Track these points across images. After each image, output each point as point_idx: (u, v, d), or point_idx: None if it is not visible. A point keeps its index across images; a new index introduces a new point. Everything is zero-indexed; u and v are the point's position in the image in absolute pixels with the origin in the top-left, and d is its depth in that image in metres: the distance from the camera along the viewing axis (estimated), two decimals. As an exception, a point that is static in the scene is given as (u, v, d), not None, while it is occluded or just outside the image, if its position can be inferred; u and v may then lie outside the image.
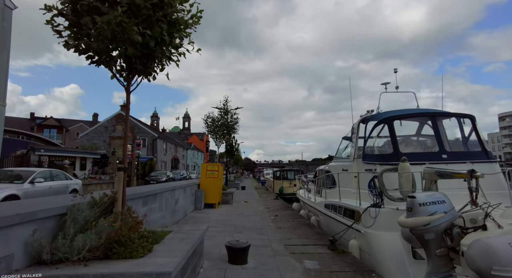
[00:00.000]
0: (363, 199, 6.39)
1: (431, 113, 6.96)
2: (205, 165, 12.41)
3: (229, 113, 17.90)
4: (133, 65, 3.67)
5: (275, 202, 15.69)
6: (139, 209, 5.50)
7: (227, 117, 17.80)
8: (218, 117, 17.99)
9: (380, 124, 7.02)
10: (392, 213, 5.68)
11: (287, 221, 9.45)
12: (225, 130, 17.54)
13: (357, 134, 8.20)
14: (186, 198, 9.88)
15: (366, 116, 8.18)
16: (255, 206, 13.25)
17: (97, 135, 33.14)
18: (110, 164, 22.50)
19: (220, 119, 17.81)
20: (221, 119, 17.72)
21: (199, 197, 11.35)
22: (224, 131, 17.66)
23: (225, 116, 17.82)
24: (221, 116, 17.87)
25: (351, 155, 8.22)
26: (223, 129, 17.56)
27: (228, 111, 17.90)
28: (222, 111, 17.80)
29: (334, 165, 9.66)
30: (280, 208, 12.88)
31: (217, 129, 17.59)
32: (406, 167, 5.53)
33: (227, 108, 17.95)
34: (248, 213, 11.06)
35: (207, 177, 12.11)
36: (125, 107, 4.10)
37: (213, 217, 9.81)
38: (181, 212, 9.16)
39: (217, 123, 17.69)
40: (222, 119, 17.71)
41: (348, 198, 7.67)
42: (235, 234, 7.20)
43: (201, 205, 11.35)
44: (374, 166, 6.80)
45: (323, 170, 10.88)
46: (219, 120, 17.80)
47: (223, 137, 17.79)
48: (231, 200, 13.67)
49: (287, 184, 25.80)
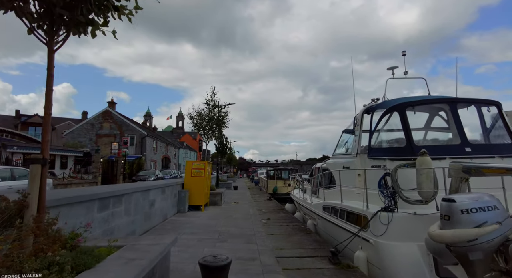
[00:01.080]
0: (370, 201, 5.33)
1: (450, 99, 5.90)
2: (190, 162, 11.26)
3: (217, 107, 16.64)
4: (55, 12, 2.53)
5: (268, 203, 14.59)
6: (93, 215, 4.34)
7: (215, 112, 16.54)
8: (206, 111, 16.74)
9: (390, 112, 5.96)
10: (409, 219, 4.62)
11: (280, 225, 8.35)
12: (213, 125, 16.29)
13: (361, 126, 7.14)
14: (166, 199, 8.72)
15: (371, 105, 7.12)
16: (245, 208, 12.14)
17: (83, 133, 31.65)
18: (93, 162, 21.18)
19: (208, 113, 16.53)
20: (209, 114, 16.44)
21: (182, 198, 10.18)
22: (212, 127, 16.40)
23: (213, 110, 16.56)
24: (209, 110, 16.59)
25: (354, 149, 7.16)
26: (211, 124, 16.31)
27: (216, 105, 16.64)
28: (210, 104, 16.52)
29: (333, 162, 8.59)
30: (273, 210, 11.79)
31: (205, 125, 16.32)
32: (426, 161, 4.47)
33: (215, 101, 16.70)
34: (237, 216, 9.93)
35: (193, 175, 10.96)
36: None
37: (196, 221, 8.66)
38: (159, 216, 8.00)
39: (204, 118, 16.40)
40: (211, 114, 16.43)
41: (351, 199, 6.61)
42: (217, 243, 6.07)
43: (185, 207, 10.19)
44: (383, 161, 5.73)
45: (320, 168, 9.81)
46: (207, 115, 16.52)
47: (212, 133, 16.53)
48: (220, 201, 12.53)
49: (281, 184, 24.76)
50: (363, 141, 7.18)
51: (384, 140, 6.30)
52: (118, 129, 31.93)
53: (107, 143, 31.14)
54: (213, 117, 16.29)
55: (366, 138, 7.29)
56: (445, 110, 6.86)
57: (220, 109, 16.56)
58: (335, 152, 8.70)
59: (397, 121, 5.93)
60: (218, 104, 16.69)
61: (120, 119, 32.32)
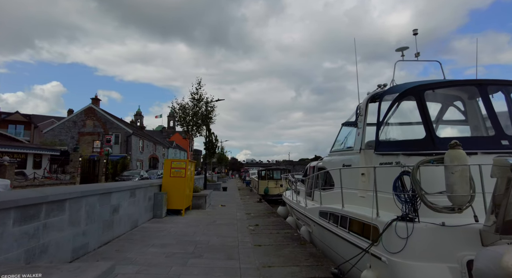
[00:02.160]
0: (379, 206, 4.24)
1: (478, 81, 4.81)
2: (168, 161, 10.02)
3: (203, 100, 15.36)
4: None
5: (257, 206, 13.44)
6: (7, 230, 3.12)
7: (201, 106, 15.24)
8: (190, 105, 15.37)
9: (404, 97, 4.86)
10: (435, 232, 3.54)
11: (270, 233, 7.21)
12: (198, 120, 14.98)
13: (365, 116, 6.05)
14: (137, 203, 7.49)
15: (377, 92, 6.03)
16: (233, 211, 10.96)
17: (64, 131, 29.97)
18: (71, 161, 19.68)
19: (192, 107, 15.20)
20: (194, 108, 15.12)
21: (159, 201, 8.95)
22: (197, 122, 15.09)
23: (198, 104, 15.25)
24: (194, 104, 15.25)
25: (357, 144, 6.07)
26: (196, 119, 15.00)
27: (202, 98, 15.36)
28: (195, 97, 15.19)
29: (331, 159, 7.50)
30: (262, 214, 10.64)
31: (189, 120, 15.01)
32: (460, 156, 3.38)
33: (201, 94, 15.39)
34: (222, 221, 8.75)
35: (172, 176, 9.73)
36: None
37: (173, 228, 7.45)
38: (127, 223, 6.77)
39: (188, 112, 15.07)
40: (195, 108, 15.11)
41: (353, 203, 5.51)
42: (190, 259, 4.88)
43: (162, 212, 8.96)
44: (395, 157, 4.64)
45: (315, 167, 8.71)
46: (191, 109, 15.20)
47: (197, 130, 15.21)
48: (204, 204, 11.32)
49: (272, 184, 23.66)
50: (368, 134, 6.10)
51: (396, 131, 5.22)
52: (102, 127, 30.36)
53: (90, 142, 29.58)
54: (197, 112, 14.99)
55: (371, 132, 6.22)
56: (462, 100, 5.82)
57: (206, 104, 15.27)
58: (333, 148, 7.60)
59: (413, 108, 4.84)
60: (206, 99, 15.38)
61: (104, 116, 30.74)
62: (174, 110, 15.02)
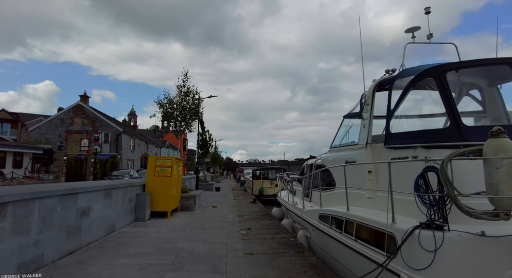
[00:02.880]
0: (390, 209, 3.50)
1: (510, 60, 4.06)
2: (153, 158, 9.17)
3: (190, 93, 14.40)
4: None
5: (251, 207, 12.65)
6: None
7: (188, 99, 14.29)
8: (178, 99, 14.40)
9: (420, 80, 4.11)
10: (473, 243, 2.79)
11: (264, 238, 6.42)
12: (186, 115, 14.05)
13: (372, 106, 5.30)
14: (114, 205, 6.65)
15: (386, 78, 5.29)
16: (224, 214, 10.16)
17: (51, 129, 28.83)
18: (55, 160, 18.68)
19: (180, 102, 14.25)
20: (182, 102, 14.16)
21: (141, 203, 8.11)
22: (185, 117, 14.13)
23: (186, 98, 14.30)
24: (181, 98, 14.29)
25: (362, 138, 5.32)
26: (184, 114, 14.05)
27: (190, 91, 14.42)
28: (182, 90, 14.23)
29: (332, 156, 6.75)
30: (256, 216, 9.85)
31: (176, 115, 14.07)
32: (507, 147, 2.64)
33: (188, 87, 14.43)
34: (211, 224, 7.95)
35: (157, 175, 8.89)
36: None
37: (154, 234, 6.62)
38: (100, 228, 5.93)
39: (175, 107, 14.11)
40: (183, 102, 14.15)
41: (359, 205, 4.76)
42: (168, 273, 4.07)
43: (145, 214, 8.11)
44: (411, 151, 3.89)
45: (313, 165, 7.96)
46: (179, 104, 14.24)
47: (186, 125, 14.28)
48: (193, 206, 10.49)
49: (267, 184, 22.89)
50: (375, 127, 5.36)
51: (412, 120, 4.48)
52: (91, 125, 29.28)
53: (79, 140, 28.51)
54: (185, 107, 14.05)
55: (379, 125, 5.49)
56: (480, 88, 5.10)
57: (193, 97, 14.32)
58: (334, 144, 6.85)
59: (433, 92, 4.11)
60: (194, 92, 14.41)
61: (93, 114, 29.67)
62: (161, 105, 14.04)
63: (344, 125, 6.48)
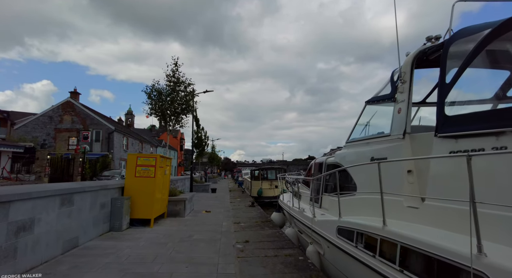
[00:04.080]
0: (462, 226, 2.21)
1: None
2: (133, 156, 7.82)
3: (182, 84, 12.96)
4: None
5: (249, 211, 11.32)
6: None
7: (178, 90, 12.85)
8: (168, 90, 12.96)
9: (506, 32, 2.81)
10: None
11: (265, 256, 5.10)
12: (177, 108, 12.63)
13: (411, 83, 4.00)
14: (77, 214, 5.31)
15: (429, 46, 3.97)
16: (218, 220, 8.83)
17: (39, 127, 27.38)
18: (37, 159, 17.30)
19: (170, 93, 12.81)
20: (172, 93, 12.74)
21: (118, 209, 6.77)
22: (175, 111, 12.71)
23: (176, 88, 12.88)
24: (171, 88, 12.85)
25: (398, 127, 4.01)
26: (175, 108, 12.62)
27: (180, 81, 12.96)
28: (172, 80, 12.79)
29: (350, 152, 5.43)
30: (255, 224, 8.52)
31: (166, 108, 12.64)
32: None
33: (179, 77, 12.94)
34: (201, 235, 6.63)
35: (138, 175, 7.57)
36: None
37: (127, 250, 5.28)
38: (53, 246, 4.58)
39: (164, 99, 12.68)
40: (173, 94, 12.72)
41: (395, 217, 3.47)
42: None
43: (122, 223, 6.78)
44: (488, 139, 2.59)
45: (323, 164, 6.66)
46: (168, 95, 12.82)
47: (177, 120, 12.88)
48: (183, 211, 9.16)
49: (267, 185, 21.55)
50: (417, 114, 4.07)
51: (485, 96, 3.18)
52: (81, 123, 27.84)
53: (68, 139, 27.08)
54: (175, 99, 12.57)
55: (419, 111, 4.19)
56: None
57: (185, 88, 12.89)
58: (352, 137, 5.53)
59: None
60: (185, 82, 12.93)
61: (84, 112, 28.23)
62: (150, 95, 12.52)
63: (367, 113, 5.17)
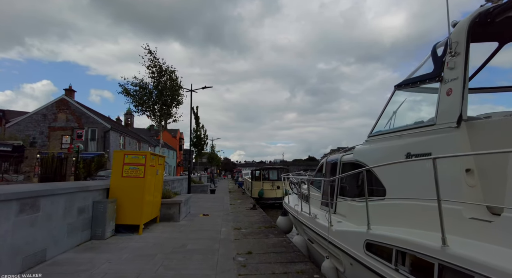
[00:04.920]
0: None
1: None
2: (120, 153, 6.90)
3: (165, 73, 11.62)
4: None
5: (251, 215, 10.40)
6: None
7: (165, 80, 11.32)
8: (150, 82, 11.28)
9: None
10: None
11: (272, 273, 4.19)
12: (167, 101, 11.42)
13: (467, 55, 3.09)
14: (45, 221, 4.40)
15: (491, 7, 3.06)
16: (216, 225, 7.92)
17: (32, 125, 26.44)
18: (26, 158, 16.40)
19: (156, 85, 11.16)
20: (158, 85, 11.15)
21: (100, 214, 5.86)
22: (163, 105, 11.44)
23: (159, 78, 11.29)
24: (156, 80, 11.23)
25: (448, 112, 3.10)
26: (163, 100, 11.35)
27: (164, 70, 11.63)
28: (154, 70, 11.34)
29: (375, 148, 4.51)
30: (258, 230, 7.60)
31: (148, 100, 11.32)
32: None
33: (160, 65, 11.30)
34: (196, 244, 5.71)
35: (125, 175, 6.66)
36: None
37: (104, 265, 4.36)
38: (6, 264, 3.67)
39: (147, 92, 11.19)
40: (160, 85, 11.21)
41: (452, 232, 2.55)
42: None
43: (105, 230, 5.86)
44: None
45: (338, 162, 5.75)
46: (155, 87, 10.99)
47: (167, 112, 11.65)
48: (177, 215, 8.24)
49: (268, 186, 20.62)
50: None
51: None
52: (76, 121, 26.91)
53: (61, 138, 26.18)
54: (164, 88, 11.15)
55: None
56: None
57: (171, 77, 11.51)
58: (376, 130, 4.61)
59: None
60: (172, 73, 11.55)
61: (79, 109, 27.30)
62: (127, 91, 11.09)
63: (397, 100, 4.26)
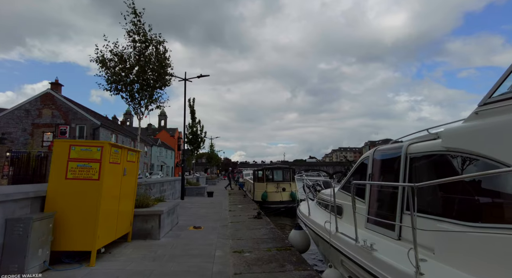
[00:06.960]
0: None
1: None
2: (62, 143, 4.69)
3: (150, 43, 9.01)
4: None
5: (255, 227, 8.21)
6: None
7: (150, 52, 9.00)
8: (131, 52, 8.95)
9: None
10: None
11: None
12: (151, 77, 9.12)
13: None
14: None
15: None
16: (209, 246, 5.75)
17: (13, 122, 24.30)
18: (-5, 157, 14.32)
19: (138, 57, 8.82)
20: (140, 59, 8.78)
21: (19, 237, 3.69)
22: (147, 83, 9.03)
23: (145, 49, 8.94)
24: (139, 50, 8.89)
25: None
26: (145, 77, 9.04)
27: (149, 39, 9.00)
28: (136, 38, 8.82)
29: (496, 125, 2.31)
30: (268, 256, 5.43)
31: (133, 81, 8.72)
32: None
33: (145, 32, 8.95)
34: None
35: (71, 176, 4.48)
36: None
37: None
38: None
39: (131, 64, 8.77)
40: (142, 59, 8.77)
41: None
42: None
43: (29, 262, 3.69)
44: None
45: (403, 156, 3.55)
46: (136, 62, 8.80)
47: (150, 95, 9.24)
48: (157, 230, 6.08)
49: (272, 188, 18.33)
50: None
51: None
52: (63, 117, 24.79)
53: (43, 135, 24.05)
54: (147, 62, 8.87)
55: None
56: None
57: (157, 48, 9.16)
58: (500, 92, 2.44)
59: None
60: (160, 44, 9.17)
61: (66, 105, 25.17)
62: (103, 62, 8.85)
63: None
